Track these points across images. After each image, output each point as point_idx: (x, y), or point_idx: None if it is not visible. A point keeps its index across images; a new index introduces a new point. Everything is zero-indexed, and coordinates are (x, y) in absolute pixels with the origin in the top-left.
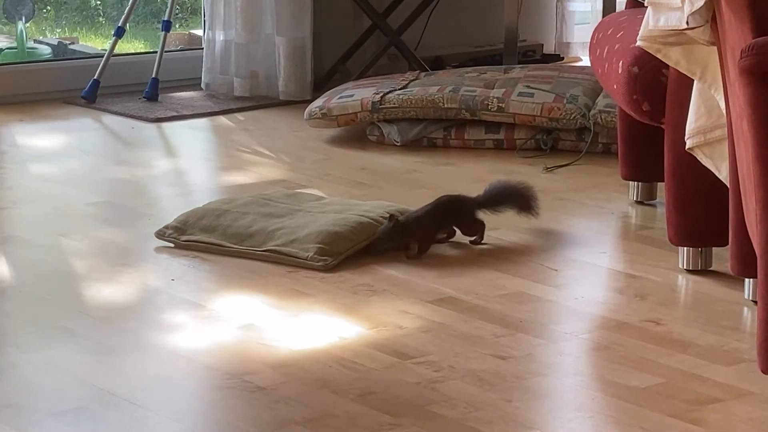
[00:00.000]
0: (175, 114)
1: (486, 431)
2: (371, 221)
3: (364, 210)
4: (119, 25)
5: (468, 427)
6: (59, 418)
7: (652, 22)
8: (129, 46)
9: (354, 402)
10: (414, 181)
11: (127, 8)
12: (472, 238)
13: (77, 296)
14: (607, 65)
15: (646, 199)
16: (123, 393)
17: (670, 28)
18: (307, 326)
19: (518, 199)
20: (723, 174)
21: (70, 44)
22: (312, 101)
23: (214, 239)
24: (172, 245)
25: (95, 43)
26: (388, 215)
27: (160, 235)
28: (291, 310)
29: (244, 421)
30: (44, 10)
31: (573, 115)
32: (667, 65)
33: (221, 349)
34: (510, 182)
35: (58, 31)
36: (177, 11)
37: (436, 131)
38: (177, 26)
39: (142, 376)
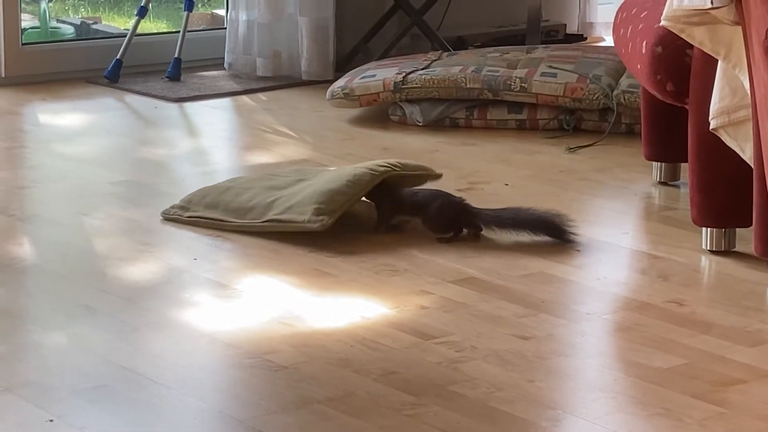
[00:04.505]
0: (197, 94)
1: (508, 411)
2: (366, 170)
3: (361, 165)
4: (142, 4)
5: (490, 407)
6: (81, 395)
7: (676, 1)
8: (152, 25)
9: (376, 382)
10: (436, 161)
11: None
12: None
13: (100, 275)
14: (630, 45)
15: (669, 180)
16: (145, 371)
17: (695, 8)
18: (329, 306)
19: (550, 227)
20: (747, 155)
21: (92, 24)
22: (334, 81)
23: (217, 215)
24: (181, 223)
25: (118, 22)
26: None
27: (166, 213)
28: (313, 290)
29: (267, 400)
30: None
31: (596, 96)
32: (692, 45)
33: (243, 328)
34: (537, 210)
35: (81, 10)
36: None
37: (459, 111)
38: (200, 6)
39: (164, 355)
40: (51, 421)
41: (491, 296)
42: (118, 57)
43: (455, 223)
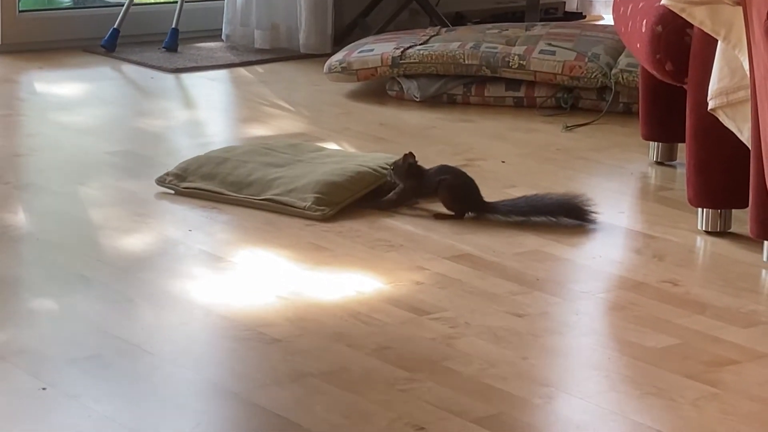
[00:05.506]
0: (194, 65)
1: (501, 388)
2: (370, 170)
3: (363, 161)
4: None
5: (483, 383)
6: (75, 365)
7: None
8: None
9: (369, 356)
10: (432, 137)
11: None
12: (448, 213)
13: (94, 245)
14: (630, 24)
15: (666, 160)
16: (139, 342)
17: None
18: (323, 280)
19: (570, 209)
20: (745, 135)
21: None
22: (332, 55)
23: (214, 187)
24: (173, 192)
25: None
26: (389, 166)
27: (161, 181)
28: (308, 264)
29: (260, 373)
30: None
31: (594, 74)
32: (692, 25)
33: (238, 300)
34: (552, 194)
35: None
36: None
37: (456, 87)
38: None
39: (158, 326)
40: (44, 389)
41: (486, 273)
42: (115, 26)
43: (465, 207)
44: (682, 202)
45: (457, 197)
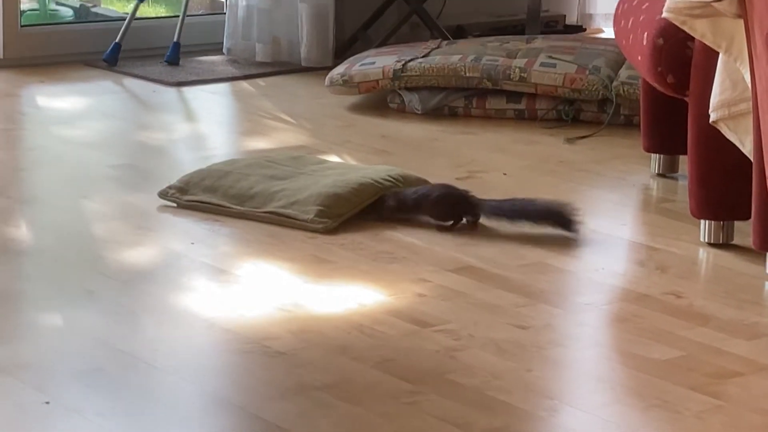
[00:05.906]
0: (196, 78)
1: (505, 401)
2: (373, 182)
3: (365, 173)
4: None
5: (487, 396)
6: (78, 378)
7: None
8: (151, 10)
9: (373, 369)
10: (434, 150)
11: None
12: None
13: (97, 258)
14: (631, 36)
15: (667, 172)
16: (142, 355)
17: (697, 0)
18: (327, 292)
19: (555, 217)
20: (747, 148)
21: (92, 7)
22: (333, 68)
23: (216, 200)
24: (175, 205)
25: (117, 6)
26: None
27: (163, 194)
28: (311, 276)
29: (264, 385)
30: None
31: (595, 86)
32: (693, 37)
33: (241, 313)
34: (541, 200)
35: None
36: None
37: (457, 100)
38: None
39: (161, 339)
40: (47, 403)
41: (489, 285)
42: (117, 40)
43: (455, 211)
44: (685, 214)
45: (446, 206)
